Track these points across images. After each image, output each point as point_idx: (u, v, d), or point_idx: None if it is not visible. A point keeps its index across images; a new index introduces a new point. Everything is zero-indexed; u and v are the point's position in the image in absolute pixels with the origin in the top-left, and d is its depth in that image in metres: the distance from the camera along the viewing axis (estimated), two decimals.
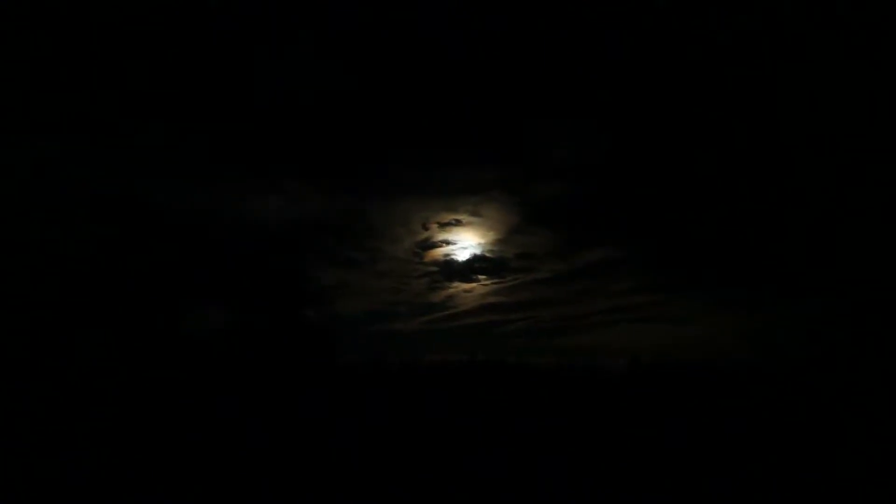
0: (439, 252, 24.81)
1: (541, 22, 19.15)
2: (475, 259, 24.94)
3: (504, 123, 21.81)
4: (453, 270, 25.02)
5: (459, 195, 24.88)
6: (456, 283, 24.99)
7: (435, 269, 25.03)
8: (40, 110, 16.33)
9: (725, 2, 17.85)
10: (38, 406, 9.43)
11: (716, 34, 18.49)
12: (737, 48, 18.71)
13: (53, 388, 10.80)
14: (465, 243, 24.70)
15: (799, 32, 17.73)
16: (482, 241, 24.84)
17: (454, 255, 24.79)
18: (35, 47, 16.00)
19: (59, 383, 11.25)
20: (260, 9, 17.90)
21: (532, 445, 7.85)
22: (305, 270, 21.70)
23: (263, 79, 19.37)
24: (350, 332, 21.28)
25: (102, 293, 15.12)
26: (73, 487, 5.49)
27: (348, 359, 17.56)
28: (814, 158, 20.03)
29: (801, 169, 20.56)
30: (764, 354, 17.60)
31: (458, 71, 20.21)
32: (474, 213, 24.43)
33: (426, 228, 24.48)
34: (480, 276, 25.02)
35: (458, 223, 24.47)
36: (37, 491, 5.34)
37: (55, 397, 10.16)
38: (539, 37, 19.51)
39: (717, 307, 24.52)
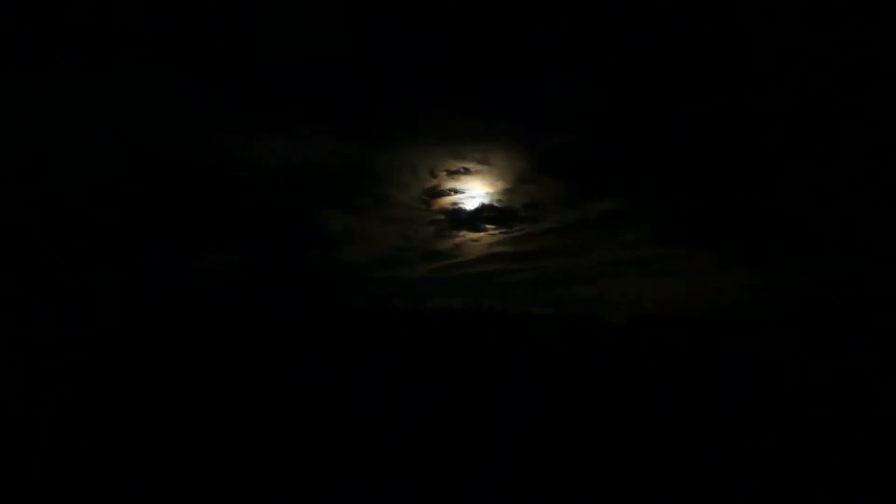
0: (447, 200, 24.58)
1: None
2: (483, 208, 24.70)
3: (515, 70, 20.63)
4: (461, 219, 24.89)
5: (468, 143, 24.15)
6: (463, 232, 24.92)
7: (442, 216, 24.91)
8: (43, 47, 15.50)
9: None
10: (42, 341, 9.68)
11: None
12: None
13: (58, 330, 11.00)
14: (474, 192, 24.40)
15: None
16: (491, 189, 24.53)
17: (462, 203, 24.55)
18: None
19: (64, 326, 11.44)
20: None
21: (531, 393, 8.08)
22: (311, 215, 21.60)
23: (271, 20, 18.14)
24: (355, 278, 21.53)
25: (105, 236, 15.14)
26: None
27: (353, 303, 17.84)
28: (831, 114, 18.93)
29: (815, 123, 19.50)
30: (765, 310, 17.73)
31: (470, 15, 18.76)
32: (483, 162, 23.86)
33: (434, 176, 24.01)
34: (488, 226, 24.88)
35: (466, 171, 24.02)
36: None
37: (58, 337, 10.38)
38: None
39: (721, 262, 24.52)
